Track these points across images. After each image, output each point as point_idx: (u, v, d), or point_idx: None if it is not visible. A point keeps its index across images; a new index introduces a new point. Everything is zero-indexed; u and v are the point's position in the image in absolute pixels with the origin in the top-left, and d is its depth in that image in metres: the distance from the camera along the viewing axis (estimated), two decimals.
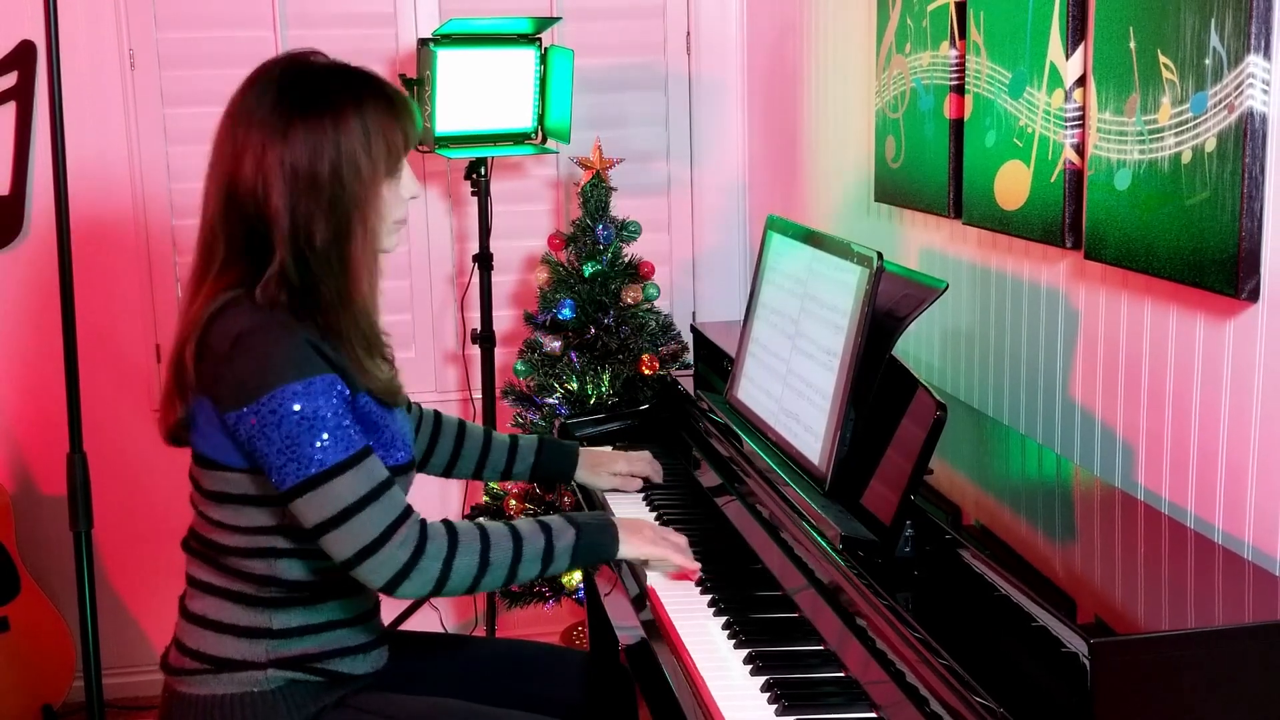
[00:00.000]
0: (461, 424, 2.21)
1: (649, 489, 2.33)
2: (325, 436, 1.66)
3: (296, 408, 1.65)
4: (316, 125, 1.70)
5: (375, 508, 1.68)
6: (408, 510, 1.72)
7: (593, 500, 2.31)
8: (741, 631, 1.76)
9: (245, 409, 1.66)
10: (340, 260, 1.72)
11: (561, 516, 1.86)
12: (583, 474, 2.29)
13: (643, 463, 2.33)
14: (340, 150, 1.70)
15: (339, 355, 1.73)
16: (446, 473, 2.21)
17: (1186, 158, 1.62)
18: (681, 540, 1.95)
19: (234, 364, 1.67)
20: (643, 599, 1.91)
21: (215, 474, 1.76)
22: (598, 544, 1.87)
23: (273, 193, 1.70)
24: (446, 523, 1.76)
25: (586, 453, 2.30)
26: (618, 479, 2.30)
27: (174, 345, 1.76)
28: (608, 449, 2.47)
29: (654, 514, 2.22)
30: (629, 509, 2.24)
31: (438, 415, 2.19)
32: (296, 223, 1.70)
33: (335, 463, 1.66)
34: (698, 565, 1.92)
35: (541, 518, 1.85)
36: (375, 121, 1.73)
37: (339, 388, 1.69)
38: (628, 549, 1.89)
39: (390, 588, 1.70)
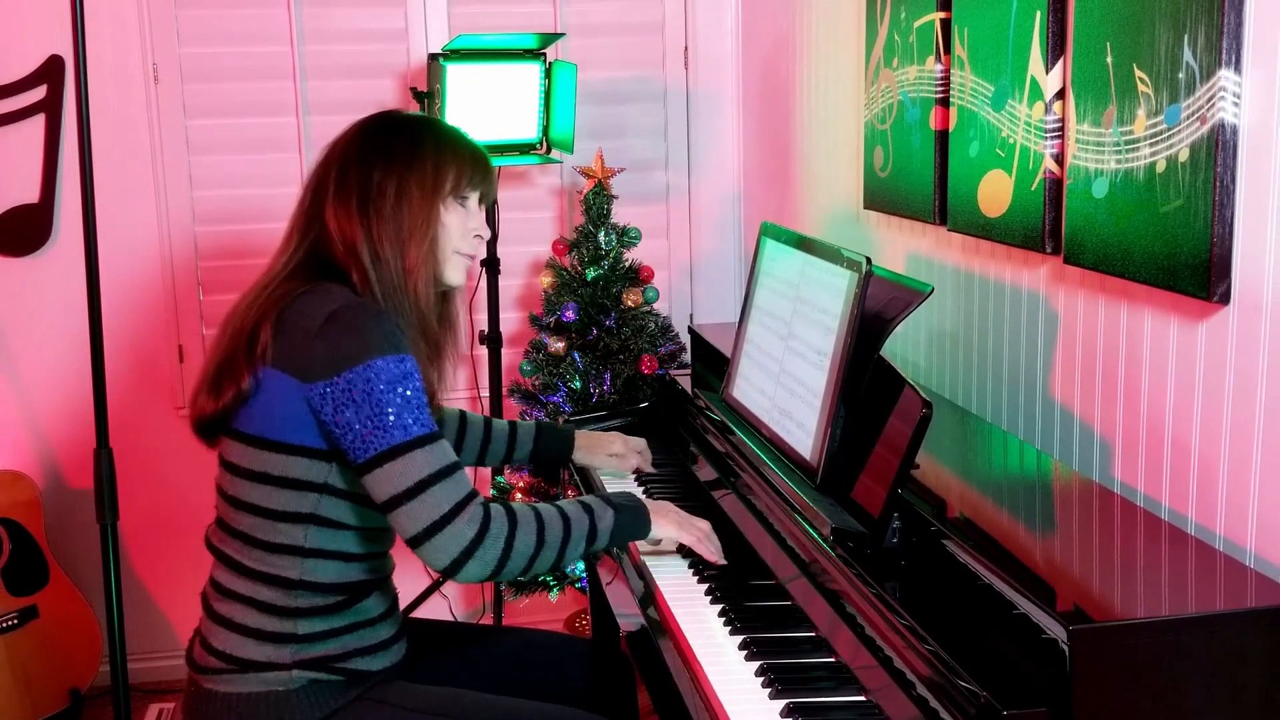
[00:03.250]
0: (463, 414, 2.23)
1: (646, 481, 2.33)
2: (412, 410, 1.69)
3: (389, 379, 1.68)
4: (395, 144, 1.83)
5: (446, 484, 1.70)
6: (474, 492, 1.74)
7: (593, 490, 2.31)
8: (737, 619, 1.76)
9: (339, 376, 1.67)
10: (401, 256, 1.79)
11: (598, 497, 1.88)
12: (580, 454, 2.31)
13: (639, 444, 2.36)
14: (411, 162, 1.82)
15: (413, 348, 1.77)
16: None
17: (1161, 167, 1.62)
18: (705, 525, 1.96)
19: (328, 336, 1.69)
20: (642, 588, 1.91)
21: (260, 453, 1.74)
22: (632, 524, 1.89)
23: (351, 193, 1.80)
24: (504, 504, 1.78)
25: (582, 435, 2.33)
26: (613, 459, 2.32)
27: (241, 323, 1.77)
28: (617, 434, 2.47)
29: None
30: None
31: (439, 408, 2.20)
32: (368, 214, 1.79)
33: (417, 435, 1.69)
34: (717, 558, 1.93)
35: (581, 498, 1.87)
36: (450, 149, 1.85)
37: (419, 372, 1.73)
38: (659, 530, 1.91)
39: (454, 568, 1.70)
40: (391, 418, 1.67)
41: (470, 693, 1.88)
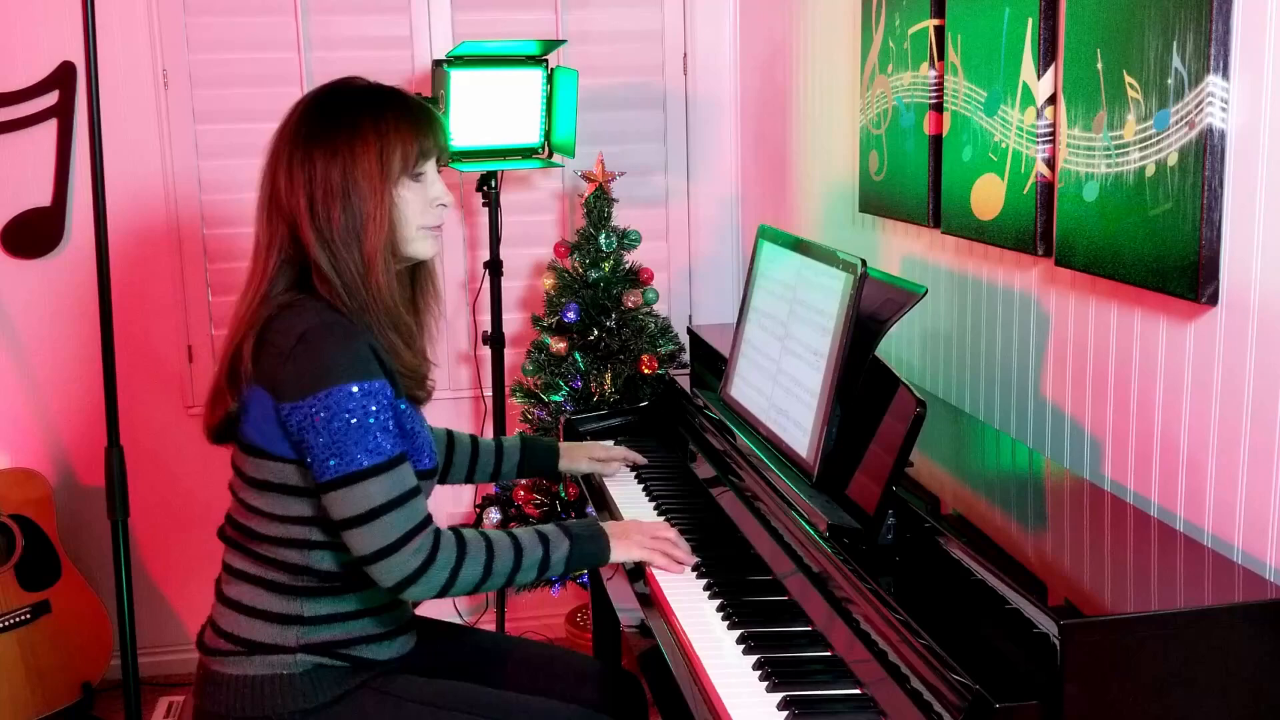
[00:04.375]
0: (450, 434, 2.22)
1: (646, 480, 2.33)
2: (369, 438, 1.67)
3: (350, 407, 1.66)
4: (336, 133, 1.75)
5: (399, 513, 1.69)
6: (427, 520, 1.73)
7: (595, 490, 2.31)
8: (735, 614, 1.76)
9: (302, 401, 1.67)
10: (358, 248, 1.74)
11: (558, 526, 1.87)
12: (564, 464, 2.33)
13: (619, 450, 2.38)
14: (354, 152, 1.74)
15: (388, 356, 1.75)
16: (440, 480, 2.21)
17: (1150, 171, 1.62)
18: (672, 534, 1.95)
19: (297, 359, 1.68)
20: (642, 582, 1.91)
21: (261, 462, 1.76)
22: (589, 552, 1.88)
23: (299, 192, 1.74)
24: (456, 532, 1.77)
25: (565, 446, 2.35)
26: (596, 463, 2.34)
27: (229, 342, 1.78)
28: (599, 442, 2.48)
29: (653, 504, 2.23)
30: (629, 499, 2.24)
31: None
32: (316, 213, 1.73)
33: (372, 464, 1.67)
34: (682, 568, 1.92)
35: (540, 527, 1.87)
36: (392, 128, 1.76)
37: (389, 393, 1.71)
38: (618, 554, 1.90)
39: (398, 589, 1.71)
40: (350, 445, 1.66)
41: (475, 686, 1.88)
